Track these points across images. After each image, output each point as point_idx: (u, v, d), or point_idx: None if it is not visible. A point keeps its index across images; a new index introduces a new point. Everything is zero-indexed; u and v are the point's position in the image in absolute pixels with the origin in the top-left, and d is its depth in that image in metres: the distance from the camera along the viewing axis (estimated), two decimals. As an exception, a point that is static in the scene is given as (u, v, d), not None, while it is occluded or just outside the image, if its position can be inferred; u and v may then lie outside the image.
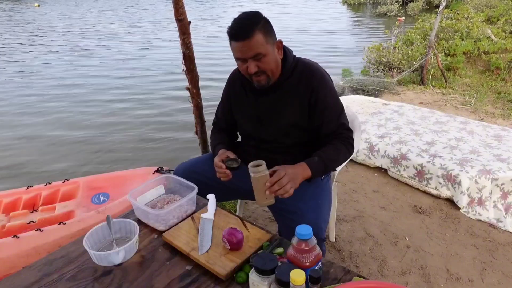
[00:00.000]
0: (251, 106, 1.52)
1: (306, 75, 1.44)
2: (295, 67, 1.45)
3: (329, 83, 1.47)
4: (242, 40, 1.29)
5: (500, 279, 1.96)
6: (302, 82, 1.43)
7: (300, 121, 1.46)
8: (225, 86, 1.64)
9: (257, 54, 1.31)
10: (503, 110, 4.31)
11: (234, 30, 1.30)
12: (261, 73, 1.35)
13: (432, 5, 14.04)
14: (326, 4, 17.95)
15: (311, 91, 1.42)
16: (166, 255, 1.20)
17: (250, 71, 1.33)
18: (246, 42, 1.28)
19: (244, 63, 1.34)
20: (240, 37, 1.29)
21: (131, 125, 4.51)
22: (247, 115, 1.55)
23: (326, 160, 1.40)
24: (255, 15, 1.34)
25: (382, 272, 2.01)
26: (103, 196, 2.13)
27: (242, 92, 1.54)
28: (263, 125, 1.52)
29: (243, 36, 1.28)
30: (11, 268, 1.65)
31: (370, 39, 8.69)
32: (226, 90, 1.63)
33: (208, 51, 7.91)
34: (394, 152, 2.89)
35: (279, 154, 1.53)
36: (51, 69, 7.18)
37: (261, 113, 1.50)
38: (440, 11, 5.09)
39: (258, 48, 1.30)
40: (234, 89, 1.58)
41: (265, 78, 1.37)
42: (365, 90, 5.00)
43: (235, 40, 1.30)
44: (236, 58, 1.36)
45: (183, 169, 1.64)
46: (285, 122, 1.47)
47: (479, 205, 2.47)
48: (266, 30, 1.32)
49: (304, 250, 0.96)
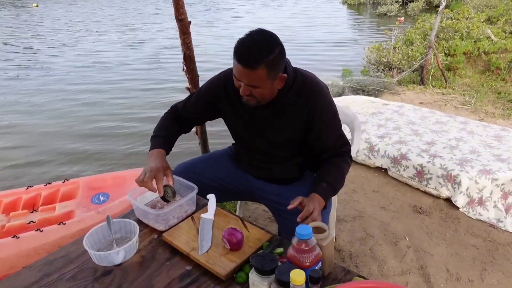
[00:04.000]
0: (247, 116, 1.44)
1: (305, 90, 1.37)
2: (294, 81, 1.38)
3: (327, 98, 1.41)
4: (245, 68, 1.21)
5: (500, 279, 1.96)
6: (301, 97, 1.37)
7: (297, 136, 1.42)
8: (211, 83, 1.52)
9: (253, 85, 1.25)
10: (503, 110, 4.31)
11: (240, 54, 1.22)
12: (252, 96, 1.29)
13: (432, 5, 14.05)
14: (327, 4, 17.96)
15: (309, 107, 1.36)
16: (166, 255, 1.20)
17: (241, 93, 1.28)
18: (247, 71, 1.21)
19: (238, 81, 1.28)
20: (243, 63, 1.21)
21: (130, 125, 4.50)
22: (242, 124, 1.48)
23: (334, 183, 1.37)
24: (270, 45, 1.23)
25: (382, 272, 2.01)
26: (103, 196, 2.13)
27: (238, 101, 1.41)
28: (258, 136, 1.46)
29: (247, 65, 1.20)
30: (11, 268, 1.65)
31: (370, 39, 8.69)
32: (213, 89, 1.50)
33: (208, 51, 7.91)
34: (394, 152, 2.89)
35: (273, 164, 1.51)
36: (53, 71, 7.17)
37: (258, 126, 1.44)
38: (440, 11, 5.09)
39: (256, 81, 1.24)
40: (228, 94, 1.45)
41: (254, 101, 1.31)
42: (365, 90, 5.00)
43: (239, 63, 1.22)
44: (233, 73, 1.28)
45: (183, 169, 1.63)
46: (282, 137, 1.43)
47: (480, 205, 2.47)
48: (273, 65, 1.23)
49: (304, 250, 0.96)
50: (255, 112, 1.41)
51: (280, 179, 1.54)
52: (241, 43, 1.23)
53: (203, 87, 1.56)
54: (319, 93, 1.38)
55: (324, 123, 1.39)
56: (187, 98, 1.60)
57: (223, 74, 1.50)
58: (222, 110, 1.50)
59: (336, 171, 1.40)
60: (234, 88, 1.36)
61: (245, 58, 1.21)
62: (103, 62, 7.64)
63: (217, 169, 1.63)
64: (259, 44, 1.22)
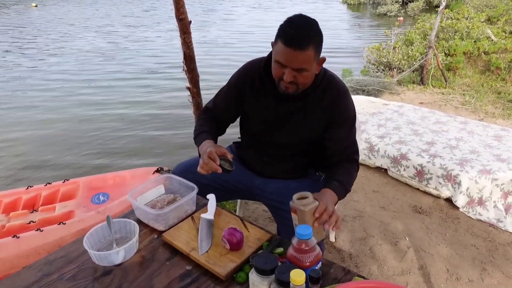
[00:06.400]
0: (269, 109, 1.44)
1: (331, 88, 1.39)
2: (322, 78, 1.39)
3: (351, 101, 1.43)
4: (294, 49, 1.19)
5: (500, 279, 1.97)
6: (327, 94, 1.38)
7: (314, 135, 1.43)
8: (236, 76, 1.51)
9: (301, 68, 1.24)
10: (503, 110, 4.31)
11: (289, 36, 1.20)
12: (294, 83, 1.28)
13: (432, 5, 14.06)
14: (326, 4, 17.96)
15: (334, 106, 1.38)
16: (166, 255, 1.20)
17: (286, 80, 1.25)
18: (297, 52, 1.20)
19: (282, 69, 1.26)
20: (293, 45, 1.19)
21: (130, 125, 4.50)
22: (262, 117, 1.47)
23: (345, 183, 1.36)
24: (315, 25, 1.24)
25: (382, 272, 2.01)
26: (103, 196, 2.13)
27: (262, 92, 1.43)
28: (276, 131, 1.46)
29: (297, 46, 1.19)
30: (11, 268, 1.65)
31: (370, 39, 8.69)
32: (239, 82, 1.49)
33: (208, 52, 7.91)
34: (394, 152, 2.89)
35: (281, 162, 1.52)
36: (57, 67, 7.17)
37: (278, 120, 1.43)
38: (440, 11, 5.10)
39: (305, 63, 1.23)
40: (253, 85, 1.45)
41: (294, 88, 1.30)
42: (365, 90, 5.00)
43: (288, 46, 1.20)
44: (277, 60, 1.25)
45: (182, 169, 1.63)
46: (301, 133, 1.44)
47: (480, 205, 2.47)
48: (318, 45, 1.24)
49: (304, 250, 0.96)
50: (279, 106, 1.42)
51: (284, 177, 1.54)
52: (286, 29, 1.23)
53: (230, 82, 1.54)
54: (345, 94, 1.41)
55: (342, 124, 1.41)
56: (216, 96, 1.59)
57: (249, 64, 1.50)
58: (246, 100, 1.49)
59: (347, 174, 1.39)
60: (260, 79, 1.40)
61: (295, 39, 1.20)
62: (103, 62, 7.63)
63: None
64: (306, 24, 1.23)
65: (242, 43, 9.24)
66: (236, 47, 8.68)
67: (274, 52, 1.27)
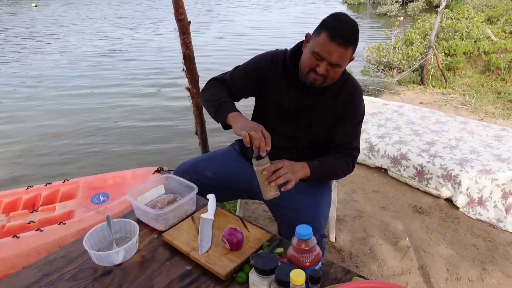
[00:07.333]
0: (290, 99, 1.45)
1: (348, 85, 1.44)
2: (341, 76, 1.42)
3: (363, 101, 1.49)
4: (338, 45, 1.23)
5: (500, 279, 1.97)
6: (343, 91, 1.43)
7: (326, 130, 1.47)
8: (260, 59, 1.50)
9: (337, 64, 1.28)
10: (503, 110, 4.31)
11: (338, 32, 1.23)
12: (323, 76, 1.31)
13: (432, 5, 14.07)
14: (326, 4, 17.96)
15: (348, 102, 1.44)
16: (166, 255, 1.20)
17: (320, 72, 1.28)
18: (341, 49, 1.24)
19: (318, 61, 1.28)
20: (339, 42, 1.23)
21: (130, 125, 4.50)
22: (279, 108, 1.47)
23: (326, 166, 1.40)
24: (357, 27, 1.29)
25: (382, 272, 2.01)
26: (103, 196, 2.13)
27: (283, 81, 1.45)
28: (291, 123, 1.47)
29: (343, 43, 1.23)
30: (11, 268, 1.65)
31: (370, 39, 8.69)
32: (263, 65, 1.48)
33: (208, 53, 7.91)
34: (394, 152, 2.89)
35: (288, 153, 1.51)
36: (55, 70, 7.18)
37: (295, 112, 1.46)
38: (440, 11, 5.10)
39: (342, 60, 1.27)
40: (276, 72, 1.45)
41: (322, 81, 1.32)
42: (365, 90, 5.00)
43: (332, 41, 1.23)
44: (315, 52, 1.27)
45: (183, 169, 1.63)
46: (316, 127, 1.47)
47: (480, 205, 2.47)
48: (356, 46, 1.31)
49: (304, 250, 0.96)
50: (301, 97, 1.44)
51: None
52: (335, 24, 1.25)
53: (252, 62, 1.52)
54: (360, 92, 1.48)
55: (351, 120, 1.46)
56: (232, 72, 1.55)
57: (274, 52, 1.50)
58: (264, 88, 1.49)
59: (334, 160, 1.44)
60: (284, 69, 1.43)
61: (343, 36, 1.23)
62: (104, 62, 7.64)
63: (218, 168, 1.62)
64: (353, 25, 1.28)
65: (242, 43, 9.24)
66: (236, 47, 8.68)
67: (314, 43, 1.28)
